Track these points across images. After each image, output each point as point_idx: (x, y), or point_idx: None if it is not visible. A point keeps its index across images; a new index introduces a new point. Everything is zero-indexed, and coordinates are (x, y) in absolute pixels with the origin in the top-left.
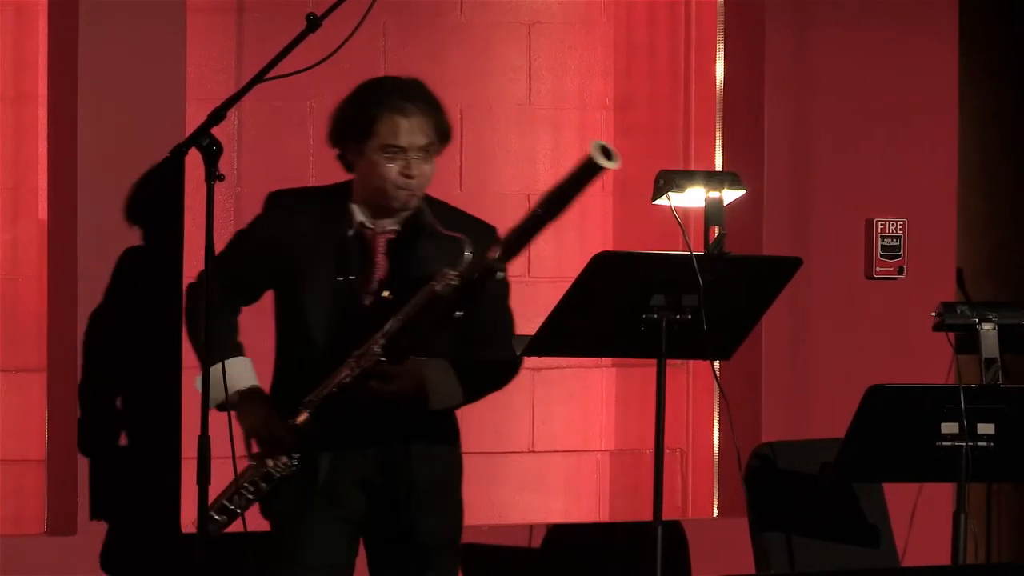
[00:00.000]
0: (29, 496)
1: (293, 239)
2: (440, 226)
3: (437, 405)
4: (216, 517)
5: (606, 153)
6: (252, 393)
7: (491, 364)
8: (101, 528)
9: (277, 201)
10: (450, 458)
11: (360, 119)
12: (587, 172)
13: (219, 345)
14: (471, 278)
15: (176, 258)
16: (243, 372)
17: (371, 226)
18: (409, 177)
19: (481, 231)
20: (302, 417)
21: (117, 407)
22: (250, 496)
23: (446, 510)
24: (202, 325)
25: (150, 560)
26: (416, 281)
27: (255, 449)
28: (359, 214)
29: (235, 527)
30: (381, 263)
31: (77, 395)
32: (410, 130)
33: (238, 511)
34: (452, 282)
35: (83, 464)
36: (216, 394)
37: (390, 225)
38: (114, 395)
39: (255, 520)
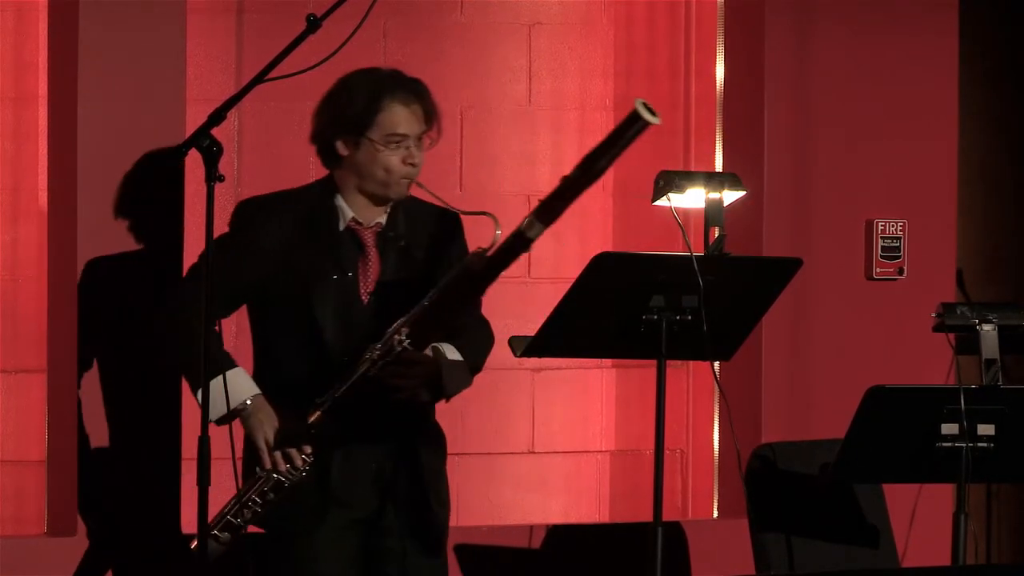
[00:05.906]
0: (29, 497)
1: (283, 242)
2: (438, 200)
3: (454, 391)
4: (219, 534)
5: (648, 110)
6: (260, 402)
7: (478, 336)
8: (101, 529)
9: (251, 208)
10: (443, 452)
11: (361, 109)
12: (628, 129)
13: (213, 358)
14: (508, 252)
15: (176, 259)
16: (244, 383)
17: (361, 220)
18: (412, 165)
19: (446, 218)
20: (314, 416)
21: (117, 407)
22: (257, 509)
23: (445, 503)
24: (198, 337)
25: (150, 561)
26: (413, 271)
27: (267, 464)
28: (348, 209)
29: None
30: (374, 257)
31: (77, 395)
32: (410, 118)
33: (243, 525)
34: (488, 257)
35: (83, 464)
36: (217, 408)
37: (377, 217)
38: (114, 395)
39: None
